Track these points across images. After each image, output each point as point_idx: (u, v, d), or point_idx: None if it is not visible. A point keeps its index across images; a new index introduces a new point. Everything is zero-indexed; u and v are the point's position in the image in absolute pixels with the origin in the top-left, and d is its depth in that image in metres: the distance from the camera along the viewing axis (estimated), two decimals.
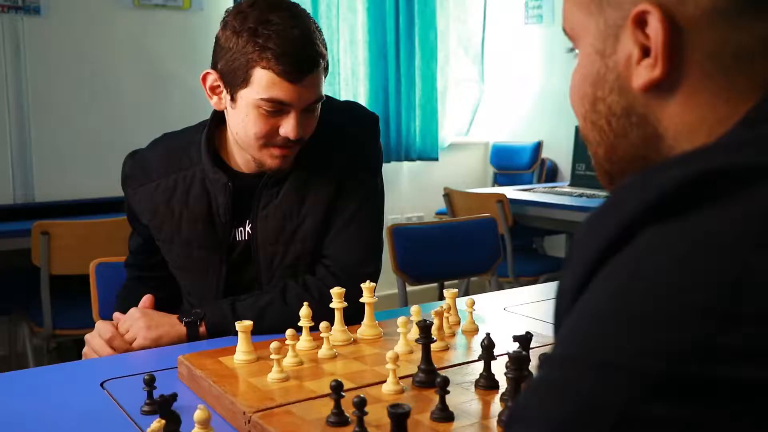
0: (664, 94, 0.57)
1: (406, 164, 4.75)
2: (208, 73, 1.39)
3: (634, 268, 0.44)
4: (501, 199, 3.43)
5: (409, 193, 4.79)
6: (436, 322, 1.17)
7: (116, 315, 1.43)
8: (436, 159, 4.76)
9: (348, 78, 4.40)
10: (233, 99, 1.36)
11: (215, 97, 1.40)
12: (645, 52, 0.56)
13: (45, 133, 3.54)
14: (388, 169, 4.61)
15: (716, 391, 0.39)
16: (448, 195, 3.68)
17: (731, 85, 0.54)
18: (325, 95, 1.46)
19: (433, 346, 1.08)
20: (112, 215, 2.98)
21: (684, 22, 0.54)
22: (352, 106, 1.57)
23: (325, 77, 1.38)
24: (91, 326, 2.17)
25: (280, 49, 1.28)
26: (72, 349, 3.34)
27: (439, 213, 4.64)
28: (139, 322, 1.37)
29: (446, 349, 1.20)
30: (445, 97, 4.85)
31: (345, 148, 1.47)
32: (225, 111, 1.41)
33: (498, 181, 5.10)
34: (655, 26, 0.54)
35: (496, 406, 0.96)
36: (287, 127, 1.33)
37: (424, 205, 4.78)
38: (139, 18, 3.74)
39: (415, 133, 4.66)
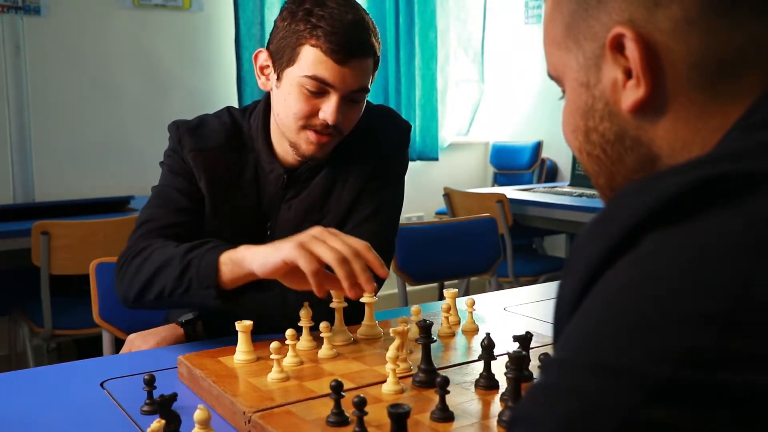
0: (653, 113, 0.57)
1: None
2: (260, 51, 1.40)
3: (637, 273, 0.44)
4: (501, 199, 3.43)
5: (409, 193, 4.73)
6: (397, 342, 1.04)
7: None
8: (436, 159, 4.76)
9: None
10: (279, 78, 1.36)
11: (263, 77, 1.41)
12: (628, 74, 0.56)
13: (45, 133, 3.54)
14: None
15: (719, 396, 0.39)
16: (448, 195, 3.68)
17: (719, 94, 0.54)
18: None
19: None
20: (113, 215, 2.98)
21: (659, 37, 0.54)
22: (388, 112, 1.56)
23: (374, 72, 1.39)
24: (90, 326, 2.18)
25: (331, 27, 1.29)
26: (72, 349, 3.35)
27: (439, 213, 4.64)
28: (136, 341, 1.39)
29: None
30: (445, 97, 4.85)
31: (376, 152, 1.47)
32: (270, 93, 1.42)
33: (498, 181, 5.10)
34: (630, 47, 0.55)
35: (496, 406, 0.96)
36: (327, 110, 1.33)
37: (424, 205, 4.78)
38: (139, 18, 3.74)
39: (415, 132, 4.66)
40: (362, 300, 1.23)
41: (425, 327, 1.04)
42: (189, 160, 1.42)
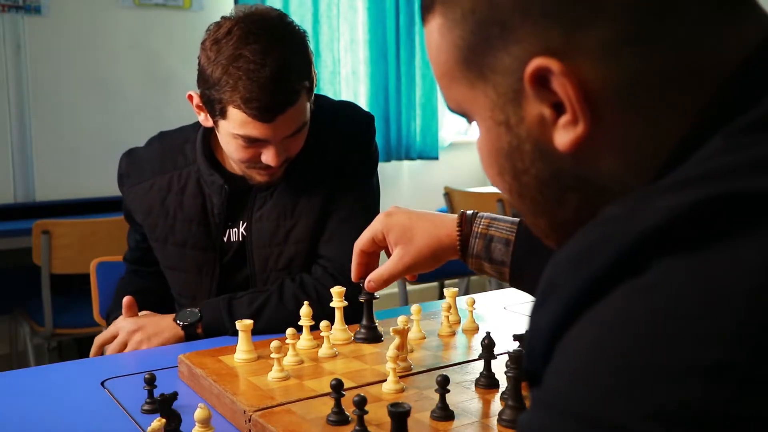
0: (596, 148, 0.49)
1: (406, 163, 4.75)
2: (191, 95, 1.40)
3: (645, 307, 0.38)
4: (501, 198, 3.43)
5: (409, 193, 4.79)
6: (397, 341, 1.05)
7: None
8: (437, 158, 4.76)
9: (348, 77, 4.40)
10: (215, 124, 1.36)
11: (202, 114, 1.40)
12: (557, 108, 0.49)
13: (46, 133, 3.54)
14: (388, 168, 4.62)
15: None
16: (449, 194, 3.68)
17: (668, 111, 0.48)
18: (320, 95, 1.46)
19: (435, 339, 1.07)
20: (113, 214, 2.98)
21: (588, 64, 0.47)
22: (346, 106, 1.55)
23: (310, 98, 1.36)
24: (91, 325, 2.18)
25: (249, 93, 1.25)
26: (73, 348, 3.35)
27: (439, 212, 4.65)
28: (137, 335, 1.38)
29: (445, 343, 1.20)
30: None
31: (339, 149, 1.46)
32: None
33: None
34: (560, 80, 0.47)
35: (497, 405, 0.96)
36: (268, 156, 1.34)
37: (424, 205, 4.77)
38: (139, 17, 3.74)
39: (415, 132, 4.66)
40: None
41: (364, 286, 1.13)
42: (126, 201, 1.53)
